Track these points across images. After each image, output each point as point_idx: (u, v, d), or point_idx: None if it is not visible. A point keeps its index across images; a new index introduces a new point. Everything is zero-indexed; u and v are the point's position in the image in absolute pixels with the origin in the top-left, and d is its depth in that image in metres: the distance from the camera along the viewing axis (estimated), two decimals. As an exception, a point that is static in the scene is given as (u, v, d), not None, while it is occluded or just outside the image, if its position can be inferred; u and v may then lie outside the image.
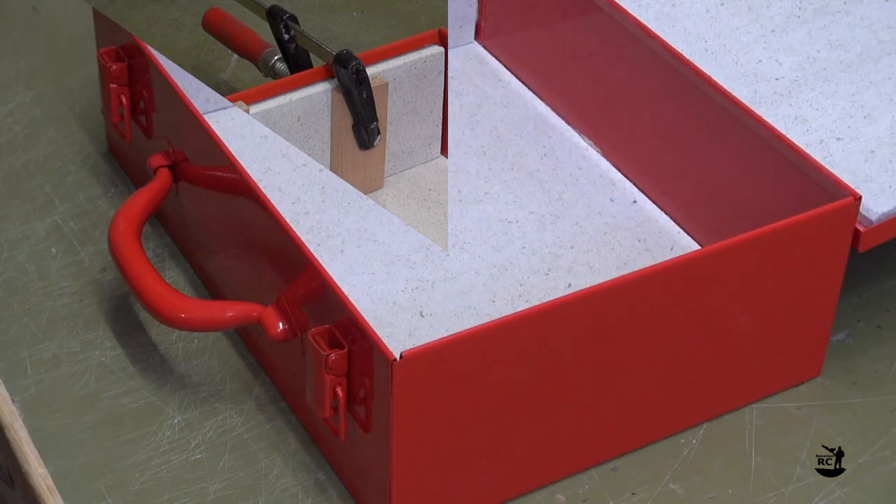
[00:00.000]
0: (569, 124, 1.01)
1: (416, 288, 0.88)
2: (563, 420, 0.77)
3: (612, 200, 0.96)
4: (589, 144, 1.00)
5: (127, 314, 0.88)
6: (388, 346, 0.69)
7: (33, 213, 0.94)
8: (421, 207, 0.98)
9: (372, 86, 0.93)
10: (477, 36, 1.09)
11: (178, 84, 0.86)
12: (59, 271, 0.90)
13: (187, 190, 0.87)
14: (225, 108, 1.00)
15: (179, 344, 0.86)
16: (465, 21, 1.07)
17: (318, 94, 0.94)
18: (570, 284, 0.89)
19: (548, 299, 0.76)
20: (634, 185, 0.97)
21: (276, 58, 0.98)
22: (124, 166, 0.98)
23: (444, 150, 1.05)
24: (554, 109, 1.03)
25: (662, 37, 0.91)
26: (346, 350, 0.71)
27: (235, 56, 1.02)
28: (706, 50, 0.95)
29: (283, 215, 0.77)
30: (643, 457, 0.81)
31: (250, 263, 0.82)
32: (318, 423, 0.79)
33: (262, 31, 0.99)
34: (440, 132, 1.04)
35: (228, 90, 0.99)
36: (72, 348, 0.85)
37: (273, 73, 0.98)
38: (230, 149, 0.81)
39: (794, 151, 0.82)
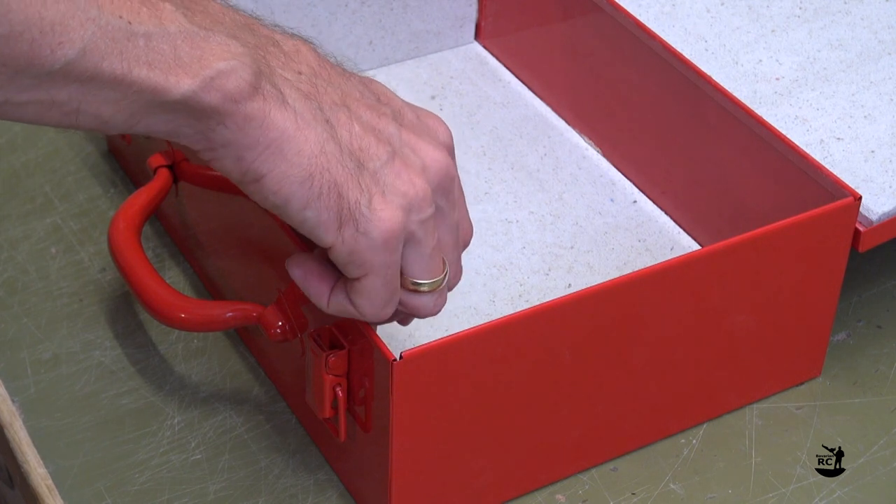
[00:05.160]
0: (569, 124, 1.02)
1: (416, 288, 0.88)
2: (563, 420, 0.77)
3: (612, 200, 0.96)
4: (589, 144, 1.00)
5: (127, 314, 0.88)
6: (388, 346, 0.69)
7: (33, 213, 0.94)
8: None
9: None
10: (477, 36, 1.09)
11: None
12: (58, 271, 0.90)
13: (187, 190, 0.87)
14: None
15: (179, 344, 0.86)
16: (465, 21, 1.07)
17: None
18: (570, 284, 0.89)
19: (548, 299, 0.76)
20: (634, 185, 0.97)
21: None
22: (124, 166, 0.98)
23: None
24: (554, 109, 1.03)
25: (662, 37, 0.91)
26: (346, 350, 0.71)
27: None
28: (706, 50, 0.95)
29: (283, 215, 0.76)
30: (643, 457, 0.81)
31: (250, 263, 0.82)
32: (318, 423, 0.79)
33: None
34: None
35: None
36: (71, 348, 0.85)
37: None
38: (230, 149, 0.81)
39: (794, 151, 0.82)
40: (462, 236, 0.71)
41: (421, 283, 0.67)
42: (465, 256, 0.90)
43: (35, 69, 0.55)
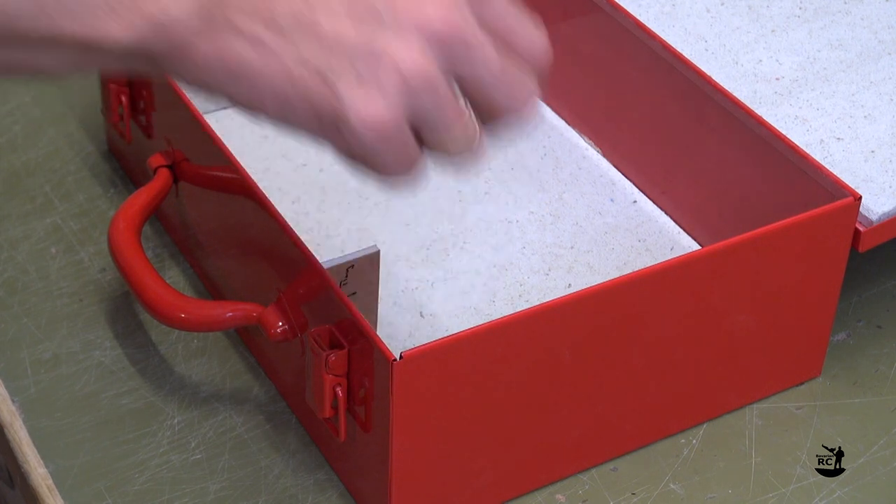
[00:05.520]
0: (569, 124, 1.01)
1: (416, 288, 0.88)
2: (562, 420, 0.77)
3: (612, 200, 0.96)
4: (589, 144, 1.00)
5: (127, 314, 0.88)
6: (388, 346, 0.69)
7: (33, 213, 0.94)
8: None
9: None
10: (477, 36, 1.08)
11: (178, 84, 0.86)
12: (58, 271, 0.90)
13: (187, 190, 0.87)
14: (225, 108, 1.00)
15: (179, 344, 0.86)
16: (465, 21, 1.07)
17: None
18: (570, 284, 0.89)
19: (548, 299, 0.76)
20: (634, 185, 0.97)
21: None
22: (124, 166, 0.98)
23: None
24: (554, 109, 1.03)
25: (662, 37, 0.91)
26: (346, 350, 0.71)
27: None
28: (706, 50, 0.95)
29: (283, 215, 0.77)
30: (643, 457, 0.81)
31: (250, 263, 0.82)
32: (318, 423, 0.79)
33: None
34: None
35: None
36: (72, 348, 0.85)
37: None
38: (230, 149, 0.81)
39: (794, 151, 0.82)
40: (530, 53, 0.61)
41: (449, 148, 0.60)
42: (465, 256, 0.91)
43: None
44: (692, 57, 0.92)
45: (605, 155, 0.99)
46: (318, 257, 0.74)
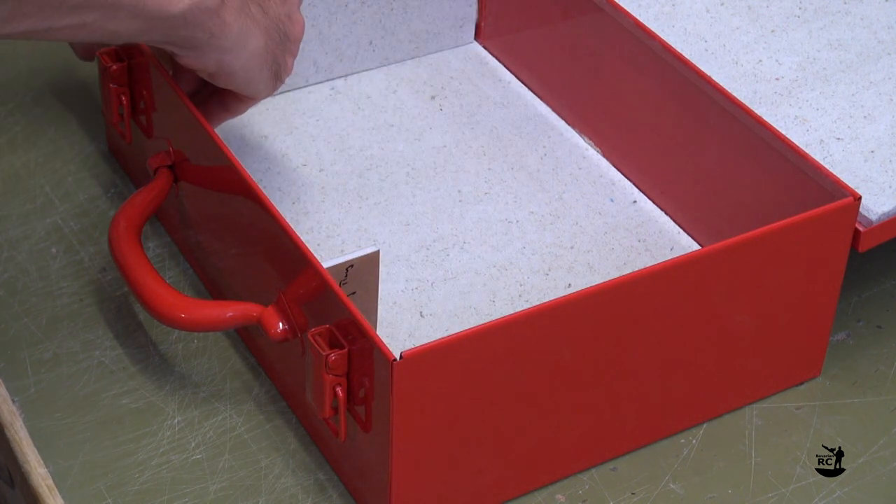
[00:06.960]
0: (569, 124, 1.02)
1: (416, 288, 0.88)
2: (563, 420, 0.77)
3: (612, 200, 0.96)
4: (589, 144, 1.00)
5: (127, 314, 0.88)
6: (388, 346, 0.69)
7: (33, 213, 0.94)
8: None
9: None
10: (477, 36, 1.09)
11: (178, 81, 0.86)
12: (59, 271, 0.90)
13: (187, 190, 0.87)
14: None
15: (179, 344, 0.86)
16: (465, 21, 1.07)
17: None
18: (570, 284, 0.89)
19: (548, 299, 0.76)
20: (634, 185, 0.97)
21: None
22: (124, 166, 0.98)
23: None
24: (554, 109, 1.03)
25: (662, 37, 0.91)
26: (346, 350, 0.71)
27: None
28: (706, 50, 0.95)
29: (283, 215, 0.77)
30: (643, 457, 0.81)
31: (250, 263, 0.82)
32: (318, 423, 0.79)
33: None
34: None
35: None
36: (72, 348, 0.85)
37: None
38: (230, 149, 0.81)
39: (794, 151, 0.82)
40: None
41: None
42: (465, 256, 0.91)
43: (72, 2, 0.69)
44: (692, 57, 0.92)
45: (605, 155, 0.99)
46: (318, 257, 0.74)
